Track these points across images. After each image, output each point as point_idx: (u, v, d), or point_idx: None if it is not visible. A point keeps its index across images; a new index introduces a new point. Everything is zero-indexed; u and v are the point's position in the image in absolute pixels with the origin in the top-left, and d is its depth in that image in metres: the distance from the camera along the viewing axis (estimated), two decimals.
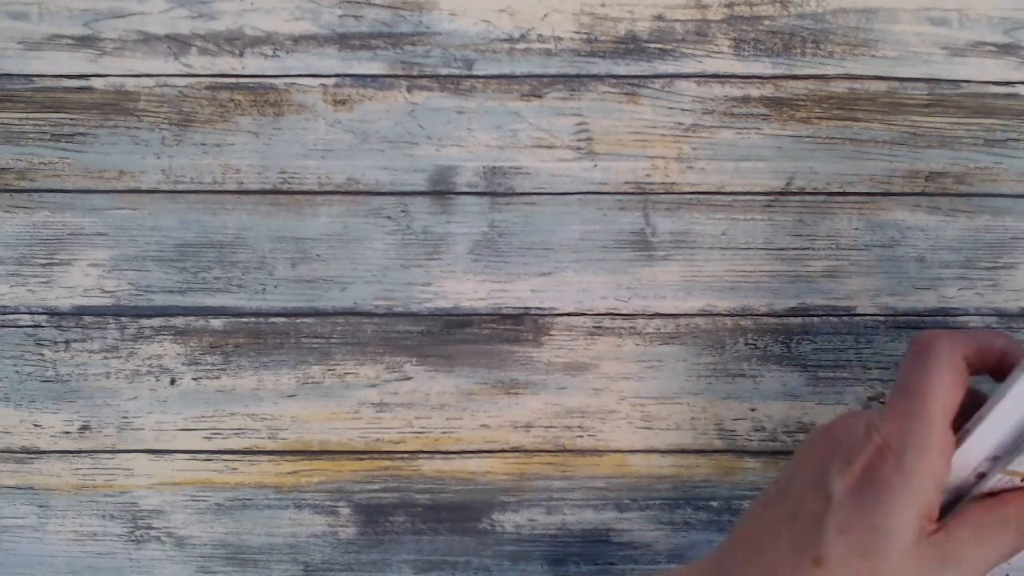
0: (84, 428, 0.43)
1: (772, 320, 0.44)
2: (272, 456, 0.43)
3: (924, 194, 0.45)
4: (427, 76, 0.45)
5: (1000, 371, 0.33)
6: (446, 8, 0.45)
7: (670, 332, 0.44)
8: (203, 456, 0.43)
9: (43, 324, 0.44)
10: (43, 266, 0.44)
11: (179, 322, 0.44)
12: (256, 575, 0.43)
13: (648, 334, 0.44)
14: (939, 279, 0.44)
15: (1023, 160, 0.45)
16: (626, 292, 0.44)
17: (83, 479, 0.42)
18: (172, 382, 0.43)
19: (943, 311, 0.44)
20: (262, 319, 0.44)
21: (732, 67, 0.45)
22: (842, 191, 0.45)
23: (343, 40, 0.45)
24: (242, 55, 0.45)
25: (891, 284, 0.44)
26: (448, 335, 0.44)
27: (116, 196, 0.44)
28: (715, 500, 0.42)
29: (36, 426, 0.43)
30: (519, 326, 0.44)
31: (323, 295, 0.44)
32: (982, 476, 0.34)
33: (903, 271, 0.44)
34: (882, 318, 0.44)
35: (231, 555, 0.43)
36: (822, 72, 0.45)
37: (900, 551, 0.32)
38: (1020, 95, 0.45)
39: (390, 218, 0.44)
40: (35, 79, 0.45)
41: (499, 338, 0.44)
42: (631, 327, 0.44)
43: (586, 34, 0.44)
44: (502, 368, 0.44)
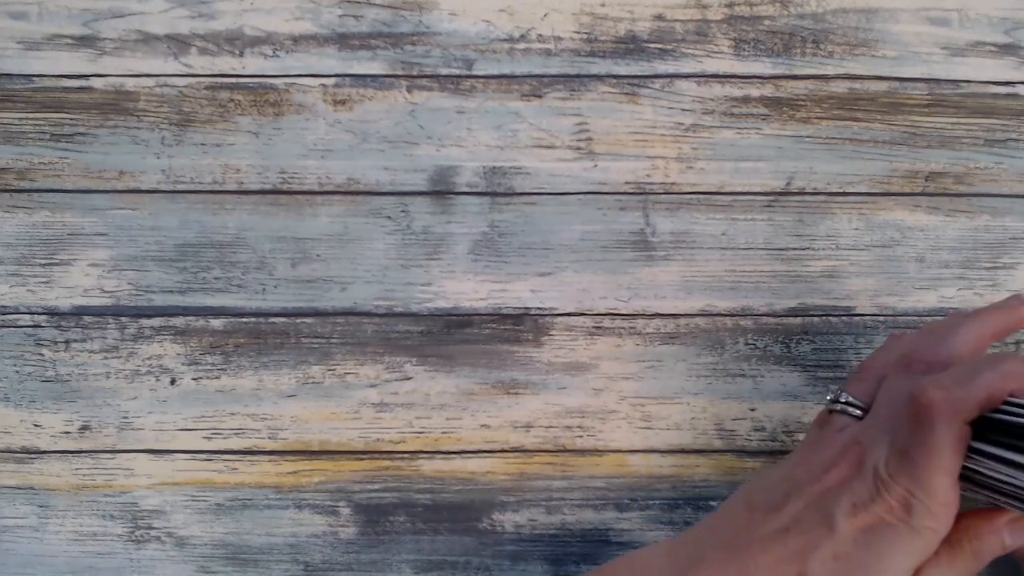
0: (84, 428, 0.43)
1: (772, 320, 0.44)
2: (272, 456, 0.43)
3: (924, 194, 0.45)
4: (427, 76, 0.45)
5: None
6: (446, 8, 0.45)
7: (670, 332, 0.44)
8: (203, 456, 0.43)
9: (43, 324, 0.44)
10: (43, 266, 0.44)
11: (179, 322, 0.44)
12: (256, 575, 0.43)
13: (648, 334, 0.44)
14: (939, 279, 0.44)
15: (1023, 160, 0.45)
16: (626, 292, 0.44)
17: (83, 479, 0.42)
18: (172, 382, 0.43)
19: (943, 311, 0.44)
20: (262, 319, 0.44)
21: (732, 67, 0.45)
22: (842, 191, 0.45)
23: (343, 40, 0.45)
24: (242, 55, 0.45)
25: (891, 284, 0.44)
26: (448, 335, 0.44)
27: (116, 196, 0.44)
28: (715, 500, 0.42)
29: (36, 426, 0.43)
30: (519, 326, 0.44)
31: (323, 295, 0.44)
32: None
33: (903, 271, 0.44)
34: (882, 318, 0.44)
35: (231, 555, 0.43)
36: (822, 72, 0.45)
37: None
38: (1020, 95, 0.45)
39: (390, 218, 0.44)
40: (35, 79, 0.45)
41: (499, 338, 0.44)
42: (631, 327, 0.44)
43: (586, 34, 0.44)
44: (502, 368, 0.44)
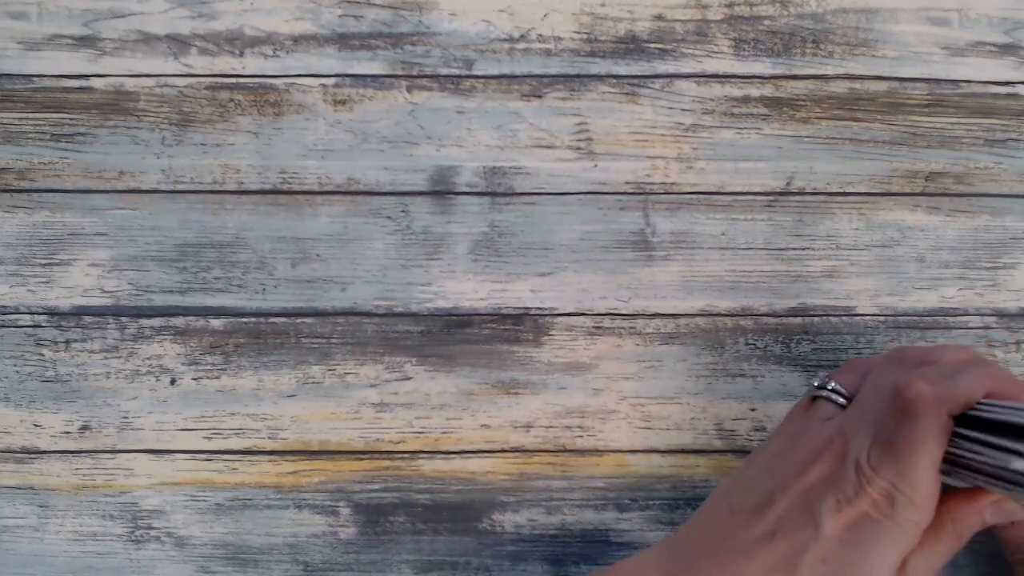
0: (84, 428, 0.43)
1: (772, 320, 0.44)
2: (272, 456, 0.43)
3: (924, 194, 0.45)
4: (427, 76, 0.45)
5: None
6: (446, 8, 0.45)
7: (670, 332, 0.44)
8: (203, 456, 0.43)
9: (43, 324, 0.44)
10: (43, 266, 0.44)
11: (179, 322, 0.44)
12: (256, 575, 0.43)
13: (648, 334, 0.44)
14: (939, 279, 0.44)
15: (1023, 160, 0.45)
16: (626, 292, 0.44)
17: (83, 479, 0.42)
18: (172, 382, 0.43)
19: (943, 311, 0.44)
20: (262, 319, 0.44)
21: (732, 67, 0.45)
22: (842, 191, 0.45)
23: (343, 40, 0.45)
24: (242, 55, 0.45)
25: (891, 284, 0.44)
26: (448, 335, 0.44)
27: (116, 196, 0.44)
28: None
29: (36, 426, 0.43)
30: (519, 326, 0.44)
31: (323, 295, 0.44)
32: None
33: (903, 271, 0.44)
34: (882, 318, 0.44)
35: (231, 555, 0.43)
36: (822, 72, 0.45)
37: None
38: (1020, 95, 0.45)
39: (390, 218, 0.44)
40: (35, 79, 0.45)
41: (499, 338, 0.44)
42: (631, 327, 0.44)
43: (586, 34, 0.44)
44: (502, 368, 0.44)
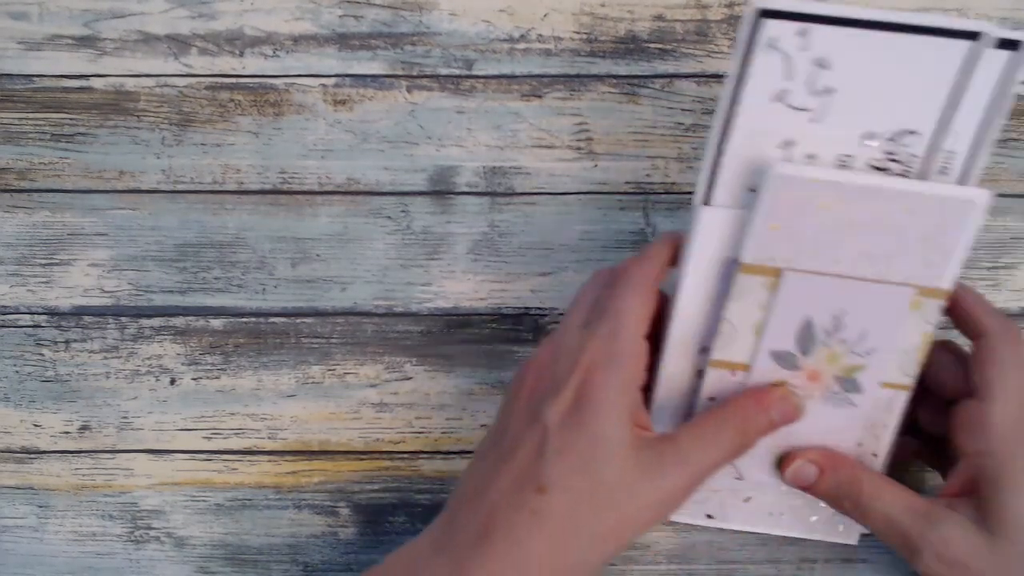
0: (84, 428, 0.43)
1: None
2: (272, 456, 0.43)
3: None
4: (427, 76, 0.45)
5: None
6: (446, 8, 0.45)
7: None
8: (203, 456, 0.43)
9: (43, 324, 0.44)
10: (43, 266, 0.44)
11: (179, 322, 0.44)
12: (255, 575, 0.43)
13: None
14: None
15: (1023, 160, 0.45)
16: None
17: (83, 479, 0.42)
18: (172, 382, 0.43)
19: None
20: (262, 319, 0.44)
21: None
22: None
23: (343, 40, 0.45)
24: (242, 55, 0.45)
25: None
26: (448, 335, 0.44)
27: (116, 196, 0.44)
28: None
29: (36, 426, 0.43)
30: (519, 326, 0.44)
31: (323, 295, 0.44)
32: (700, 374, 0.36)
33: None
34: None
35: (231, 555, 0.43)
36: None
37: (619, 460, 0.32)
38: (1019, 95, 0.45)
39: (390, 218, 0.44)
40: (35, 79, 0.45)
41: (499, 338, 0.44)
42: None
43: (586, 34, 0.44)
44: (502, 368, 0.44)
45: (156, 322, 0.44)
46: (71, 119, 0.45)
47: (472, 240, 0.44)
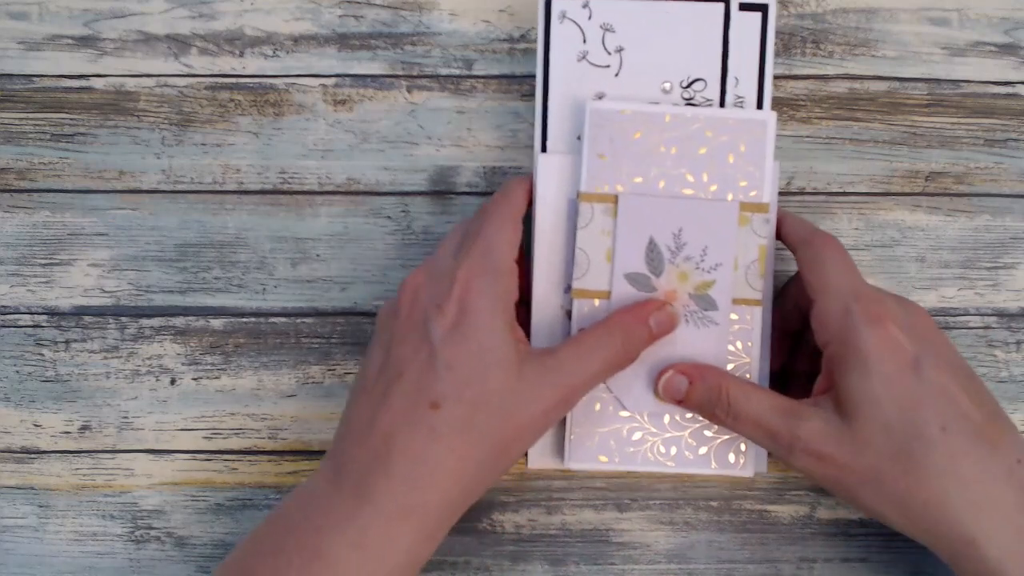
0: (84, 428, 0.43)
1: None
2: (272, 456, 0.43)
3: (924, 194, 0.45)
4: (427, 76, 0.45)
5: None
6: (446, 8, 0.45)
7: None
8: (203, 456, 0.43)
9: (43, 324, 0.44)
10: (43, 266, 0.44)
11: (179, 322, 0.44)
12: None
13: None
14: (939, 279, 0.44)
15: (1023, 160, 0.45)
16: None
17: (83, 479, 0.42)
18: (172, 382, 0.43)
19: (943, 311, 0.44)
20: (262, 319, 0.44)
21: None
22: (842, 191, 0.45)
23: (343, 40, 0.45)
24: (242, 55, 0.45)
25: (891, 284, 0.44)
26: None
27: (116, 196, 0.44)
28: (715, 500, 0.42)
29: (36, 426, 0.43)
30: None
31: (323, 295, 0.44)
32: (569, 313, 0.40)
33: (903, 271, 0.44)
34: None
35: None
36: (822, 72, 0.45)
37: (504, 369, 0.34)
38: (1020, 95, 0.45)
39: (390, 218, 0.44)
40: (35, 79, 0.45)
41: None
42: None
43: None
44: None
45: (156, 322, 0.44)
46: (71, 119, 0.45)
47: None
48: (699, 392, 0.38)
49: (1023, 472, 0.34)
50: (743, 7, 0.40)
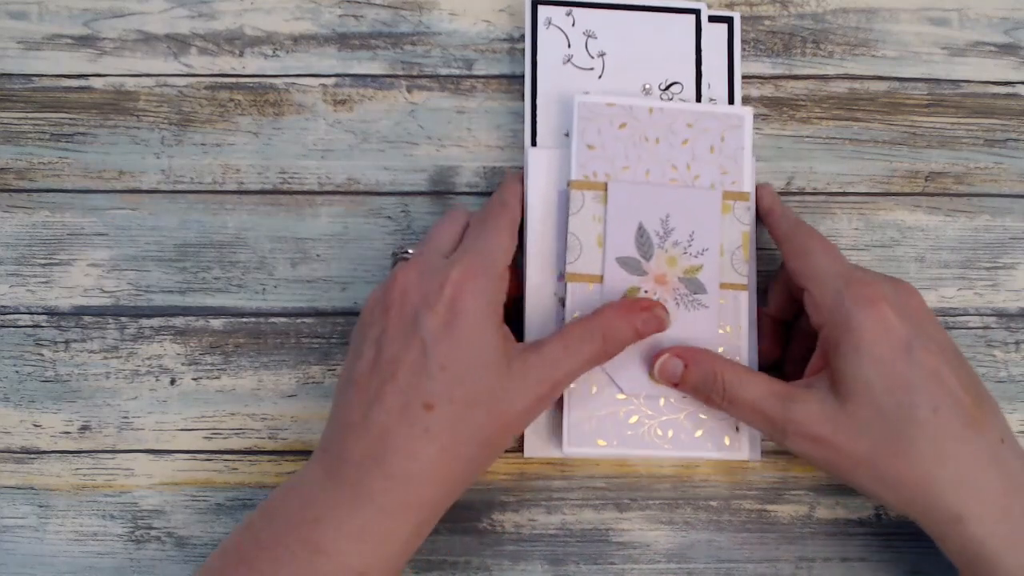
0: (84, 428, 0.43)
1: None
2: (272, 456, 0.43)
3: (924, 194, 0.45)
4: (427, 76, 0.45)
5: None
6: (446, 8, 0.45)
7: None
8: (203, 456, 0.43)
9: (43, 324, 0.43)
10: (43, 266, 0.44)
11: (179, 322, 0.44)
12: None
13: None
14: (939, 279, 0.44)
15: (1023, 160, 0.45)
16: None
17: (83, 479, 0.42)
18: (172, 382, 0.43)
19: (943, 311, 0.44)
20: (262, 319, 0.44)
21: None
22: (842, 191, 0.45)
23: (343, 40, 0.45)
24: (242, 55, 0.45)
25: None
26: None
27: (116, 196, 0.44)
28: (715, 500, 0.42)
29: (36, 426, 0.43)
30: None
31: (323, 295, 0.44)
32: (562, 301, 0.41)
33: (903, 271, 0.44)
34: None
35: None
36: (822, 72, 0.45)
37: (493, 368, 0.35)
38: (1020, 95, 0.45)
39: (390, 218, 0.44)
40: (35, 79, 0.45)
41: None
42: None
43: None
44: None
45: (156, 322, 0.43)
46: (71, 119, 0.45)
47: None
48: (695, 376, 0.38)
49: (1006, 452, 0.35)
50: (712, 19, 0.44)
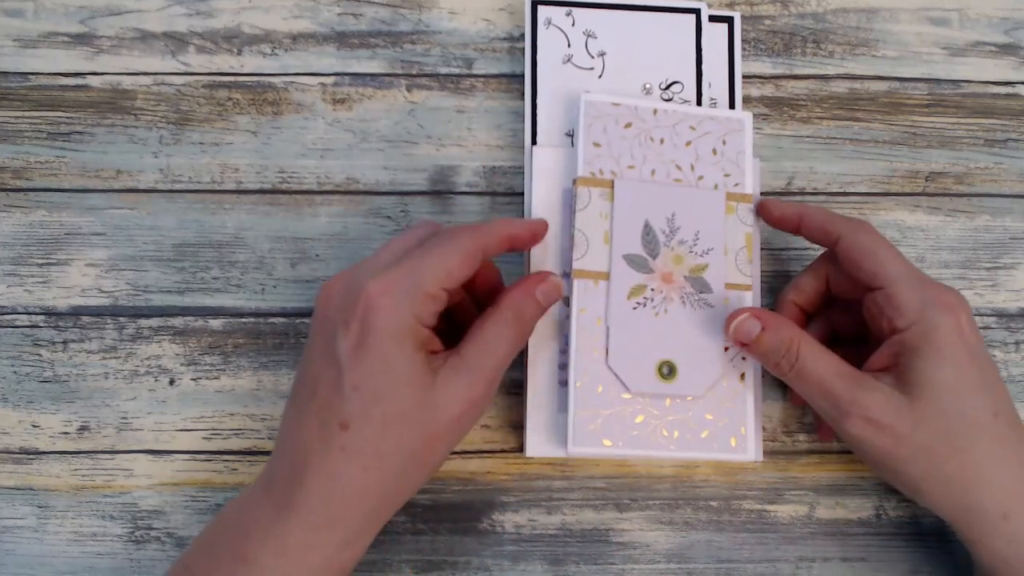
0: (83, 429, 0.43)
1: None
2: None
3: (924, 194, 0.45)
4: (427, 75, 0.45)
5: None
6: (446, 7, 0.45)
7: None
8: (203, 456, 0.43)
9: (40, 324, 0.43)
10: (40, 266, 0.44)
11: (178, 322, 0.43)
12: None
13: None
14: (939, 279, 0.44)
15: (1023, 160, 0.45)
16: None
17: (82, 480, 0.42)
18: (171, 382, 0.43)
19: None
20: (261, 319, 0.43)
21: None
22: (842, 191, 0.45)
23: (342, 39, 0.45)
24: (240, 53, 0.45)
25: None
26: None
27: (113, 195, 0.44)
28: (715, 500, 0.42)
29: (34, 427, 0.43)
30: None
31: None
32: (567, 300, 0.41)
33: None
34: None
35: None
36: (822, 72, 0.45)
37: (411, 385, 0.34)
38: (1020, 95, 0.45)
39: (390, 218, 0.44)
40: (31, 77, 0.44)
41: None
42: None
43: None
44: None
45: (155, 322, 0.43)
46: (68, 117, 0.44)
47: None
48: (770, 340, 0.38)
49: None
50: (712, 18, 0.44)
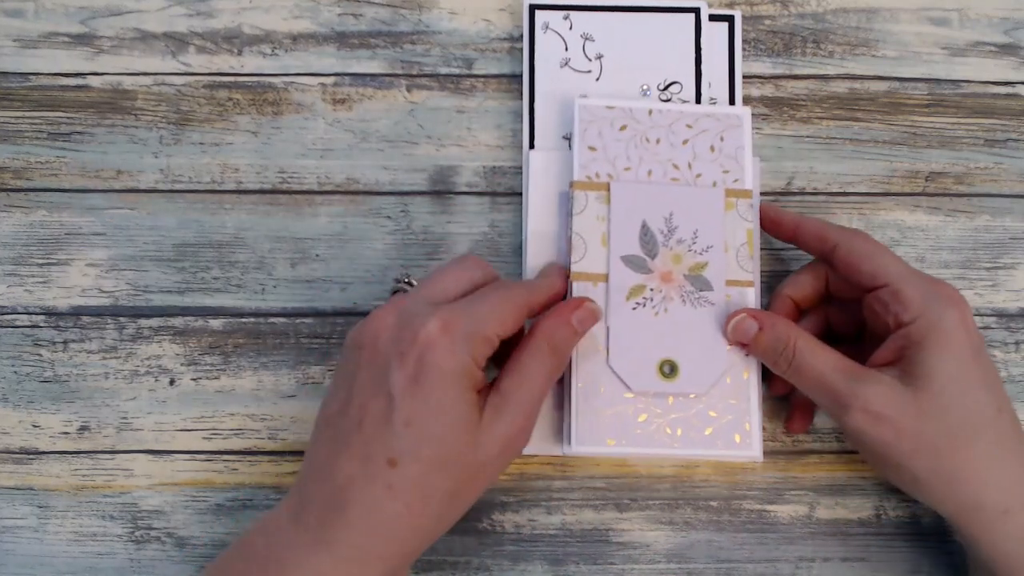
0: (83, 429, 0.43)
1: None
2: (272, 456, 0.43)
3: (924, 194, 0.45)
4: (427, 75, 0.45)
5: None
6: (446, 7, 0.45)
7: None
8: (203, 456, 0.43)
9: (41, 324, 0.43)
10: (40, 266, 0.44)
11: (178, 322, 0.43)
12: None
13: None
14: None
15: (1023, 160, 0.45)
16: None
17: (83, 480, 0.42)
18: (171, 382, 0.43)
19: None
20: (261, 319, 0.43)
21: None
22: (842, 191, 0.45)
23: (342, 39, 0.45)
24: (240, 53, 0.45)
25: None
26: None
27: (114, 195, 0.44)
28: (715, 500, 0.42)
29: (35, 427, 0.43)
30: None
31: (323, 295, 0.44)
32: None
33: None
34: None
35: None
36: (822, 72, 0.45)
37: (461, 429, 0.34)
38: (1020, 95, 0.45)
39: (390, 218, 0.44)
40: (31, 77, 0.45)
41: None
42: None
43: None
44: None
45: (155, 322, 0.43)
46: (68, 118, 0.44)
47: (472, 240, 0.44)
48: (768, 338, 0.38)
49: None
50: (712, 17, 0.44)
